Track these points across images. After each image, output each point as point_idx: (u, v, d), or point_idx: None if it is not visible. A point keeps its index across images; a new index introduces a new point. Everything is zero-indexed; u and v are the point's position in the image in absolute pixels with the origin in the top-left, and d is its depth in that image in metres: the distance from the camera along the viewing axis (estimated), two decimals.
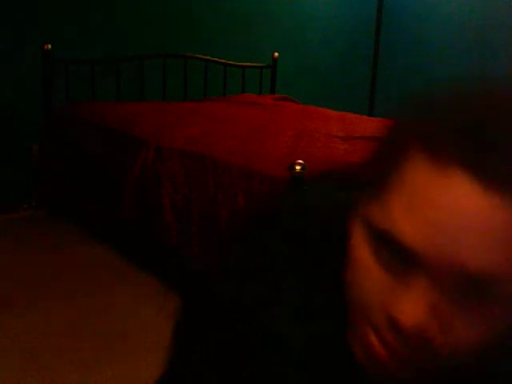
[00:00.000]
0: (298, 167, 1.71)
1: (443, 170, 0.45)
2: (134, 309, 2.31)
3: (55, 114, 3.45)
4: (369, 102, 4.98)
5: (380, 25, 4.91)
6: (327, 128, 2.77)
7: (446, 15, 4.50)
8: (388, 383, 0.51)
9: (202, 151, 2.32)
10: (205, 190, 2.21)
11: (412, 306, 0.46)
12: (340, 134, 2.57)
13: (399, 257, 0.47)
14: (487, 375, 0.54)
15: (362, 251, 0.51)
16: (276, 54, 4.28)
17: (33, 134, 3.48)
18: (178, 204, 2.36)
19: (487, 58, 4.17)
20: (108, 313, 2.27)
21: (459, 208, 0.44)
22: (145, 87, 3.77)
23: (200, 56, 3.96)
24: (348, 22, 4.82)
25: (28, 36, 3.41)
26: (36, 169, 3.48)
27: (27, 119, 3.47)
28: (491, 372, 0.54)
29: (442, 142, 0.46)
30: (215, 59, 4.02)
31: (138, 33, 3.82)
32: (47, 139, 3.45)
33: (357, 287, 0.51)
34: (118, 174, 2.80)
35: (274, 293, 0.57)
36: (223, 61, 4.05)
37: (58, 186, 3.40)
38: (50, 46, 3.41)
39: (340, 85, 4.80)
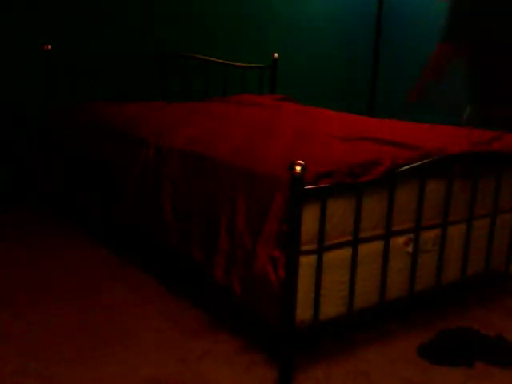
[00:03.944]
0: (298, 167, 1.70)
1: None
2: (134, 309, 2.31)
3: (55, 114, 3.45)
4: (369, 101, 4.98)
5: (380, 24, 4.91)
6: (327, 128, 2.77)
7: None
8: None
9: (202, 151, 2.32)
10: (205, 190, 2.21)
11: None
12: (340, 134, 2.57)
13: None
14: None
15: None
16: (276, 54, 4.29)
17: (33, 134, 3.48)
18: (178, 204, 2.36)
19: None
20: (108, 313, 2.27)
21: None
22: (145, 87, 3.77)
23: (200, 56, 3.96)
24: (348, 22, 4.82)
25: (28, 36, 3.41)
26: (36, 169, 3.49)
27: (27, 119, 3.47)
28: None
29: None
30: (215, 59, 4.02)
31: (139, 33, 3.83)
32: (47, 139, 3.45)
33: None
34: (118, 174, 2.80)
35: None
36: (223, 61, 4.05)
37: (57, 186, 3.40)
38: (50, 46, 3.42)
39: (340, 85, 4.80)
